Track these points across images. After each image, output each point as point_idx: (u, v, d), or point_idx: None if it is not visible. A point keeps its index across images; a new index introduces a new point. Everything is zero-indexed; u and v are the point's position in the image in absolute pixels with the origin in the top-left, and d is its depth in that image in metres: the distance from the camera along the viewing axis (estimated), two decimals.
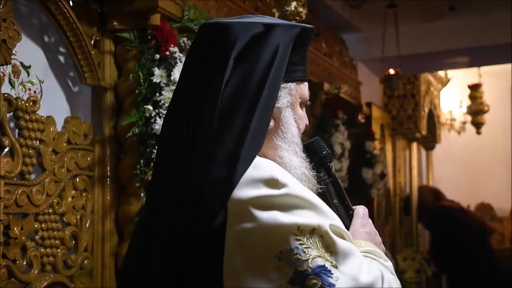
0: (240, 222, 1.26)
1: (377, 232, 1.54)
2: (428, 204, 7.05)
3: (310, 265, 1.22)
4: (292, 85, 1.47)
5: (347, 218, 1.55)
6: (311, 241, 1.24)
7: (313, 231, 1.25)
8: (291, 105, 1.47)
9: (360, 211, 1.55)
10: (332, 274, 1.23)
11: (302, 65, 1.50)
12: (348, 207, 1.57)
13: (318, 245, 1.24)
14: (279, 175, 1.29)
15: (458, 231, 6.39)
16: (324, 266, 1.23)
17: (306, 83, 1.52)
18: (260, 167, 1.30)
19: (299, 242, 1.23)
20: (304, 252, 1.23)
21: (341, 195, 1.57)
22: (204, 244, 1.29)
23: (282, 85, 1.44)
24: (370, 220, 1.55)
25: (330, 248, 1.25)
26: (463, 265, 6.34)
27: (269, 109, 1.39)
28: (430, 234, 7.10)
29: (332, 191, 1.57)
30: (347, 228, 1.52)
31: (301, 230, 1.24)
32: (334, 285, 1.22)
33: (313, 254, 1.23)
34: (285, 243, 1.23)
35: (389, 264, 1.42)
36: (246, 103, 1.35)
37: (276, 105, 1.43)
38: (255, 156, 1.32)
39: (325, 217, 1.30)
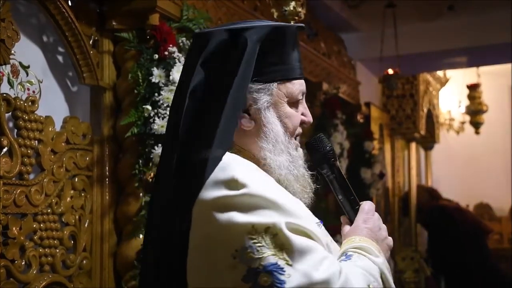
0: (201, 224, 1.32)
1: (381, 227, 1.54)
2: (424, 203, 7.03)
3: (262, 263, 1.25)
4: (272, 85, 1.48)
5: (353, 214, 1.55)
6: (265, 240, 1.27)
7: (267, 230, 1.28)
8: (272, 105, 1.49)
9: (366, 206, 1.56)
10: (284, 271, 1.25)
11: (284, 64, 1.50)
12: (354, 202, 1.57)
13: (273, 243, 1.27)
14: (240, 176, 1.32)
15: (454, 231, 6.32)
16: (276, 263, 1.26)
17: (295, 81, 1.52)
18: (226, 168, 1.34)
19: (253, 241, 1.27)
20: (258, 250, 1.26)
21: (346, 191, 1.57)
22: (177, 245, 1.35)
23: (259, 86, 1.47)
24: (376, 216, 1.55)
25: (284, 245, 1.28)
26: (459, 265, 6.29)
27: (235, 112, 1.42)
28: (427, 233, 7.07)
29: (336, 187, 1.57)
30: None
31: (255, 229, 1.28)
32: (285, 282, 1.24)
33: (266, 252, 1.26)
34: (240, 242, 1.27)
35: (379, 260, 1.42)
36: (213, 108, 1.40)
37: (254, 106, 1.47)
38: (221, 158, 1.36)
39: (286, 215, 1.31)
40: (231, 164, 1.35)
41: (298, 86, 1.53)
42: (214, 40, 1.46)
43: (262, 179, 1.38)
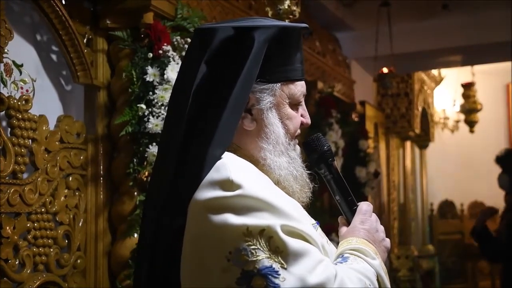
0: (194, 224, 1.31)
1: (379, 229, 1.52)
2: None
3: (257, 266, 1.24)
4: (276, 86, 1.46)
5: (350, 215, 1.54)
6: (260, 242, 1.26)
7: (262, 232, 1.26)
8: (275, 105, 1.47)
9: (363, 207, 1.54)
10: (279, 275, 1.24)
11: (289, 65, 1.49)
12: (351, 203, 1.55)
13: (267, 246, 1.26)
14: (235, 176, 1.31)
15: None
16: (271, 267, 1.24)
17: (297, 83, 1.51)
18: (221, 168, 1.33)
19: (247, 243, 1.25)
20: (252, 253, 1.25)
21: (344, 191, 1.55)
22: (171, 244, 1.35)
23: (263, 86, 1.45)
24: (373, 217, 1.53)
25: (280, 248, 1.26)
26: None
27: (237, 111, 1.40)
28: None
29: (334, 187, 1.55)
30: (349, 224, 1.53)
31: (250, 231, 1.26)
32: (279, 286, 1.23)
33: (261, 255, 1.25)
34: (234, 244, 1.25)
35: (376, 262, 1.41)
36: (215, 106, 1.38)
37: (257, 106, 1.45)
38: (219, 157, 1.35)
39: (281, 217, 1.29)
40: (227, 164, 1.33)
41: (300, 88, 1.51)
42: (220, 37, 1.43)
43: (258, 180, 1.36)
